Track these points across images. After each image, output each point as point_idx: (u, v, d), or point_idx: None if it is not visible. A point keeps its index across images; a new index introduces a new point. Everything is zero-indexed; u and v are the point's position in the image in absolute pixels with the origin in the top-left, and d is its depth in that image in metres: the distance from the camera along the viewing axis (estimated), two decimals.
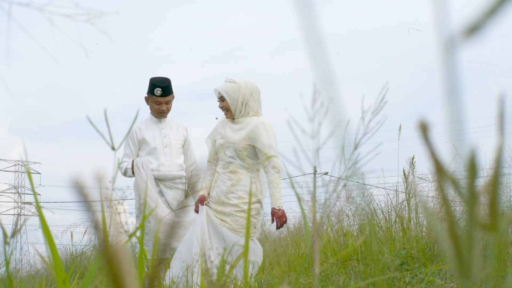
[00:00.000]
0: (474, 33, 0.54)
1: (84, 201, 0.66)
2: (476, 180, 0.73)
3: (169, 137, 7.98)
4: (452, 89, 0.61)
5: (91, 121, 2.01)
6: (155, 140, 7.91)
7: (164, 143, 7.92)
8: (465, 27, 0.55)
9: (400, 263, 6.93)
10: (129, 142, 7.98)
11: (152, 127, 8.01)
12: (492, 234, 0.75)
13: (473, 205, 0.73)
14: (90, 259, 11.26)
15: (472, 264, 0.75)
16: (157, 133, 7.97)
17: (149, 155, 7.84)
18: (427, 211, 0.83)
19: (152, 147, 7.85)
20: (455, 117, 0.64)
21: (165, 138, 7.96)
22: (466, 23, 0.55)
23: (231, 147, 7.15)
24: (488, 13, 0.54)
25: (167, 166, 7.82)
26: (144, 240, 7.60)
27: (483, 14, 0.54)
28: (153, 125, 8.03)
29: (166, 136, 7.98)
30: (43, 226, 1.84)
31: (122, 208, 2.25)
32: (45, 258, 2.19)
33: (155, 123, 8.04)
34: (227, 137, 7.19)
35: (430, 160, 0.73)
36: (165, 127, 8.05)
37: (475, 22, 0.54)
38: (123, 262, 0.63)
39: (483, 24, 0.54)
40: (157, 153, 7.84)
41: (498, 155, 0.75)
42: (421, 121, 0.69)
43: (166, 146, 7.90)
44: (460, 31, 0.55)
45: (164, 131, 8.01)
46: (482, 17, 0.54)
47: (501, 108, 0.71)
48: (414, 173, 8.75)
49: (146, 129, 7.99)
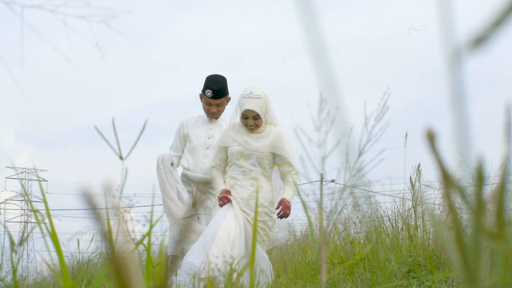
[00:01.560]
0: (480, 44, 0.54)
1: (92, 209, 0.66)
2: (483, 188, 0.73)
3: (215, 138, 7.61)
4: (458, 98, 0.61)
5: (98, 130, 2.01)
6: (198, 139, 7.65)
7: (207, 144, 7.62)
8: (471, 37, 0.55)
9: (407, 271, 6.91)
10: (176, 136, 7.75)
11: (200, 125, 7.73)
12: (499, 242, 0.75)
13: (480, 213, 0.73)
14: (97, 267, 11.25)
15: (478, 272, 0.75)
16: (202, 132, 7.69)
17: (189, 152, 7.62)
18: (433, 219, 0.83)
19: (193, 145, 7.61)
20: (461, 125, 0.64)
21: (210, 139, 7.65)
22: (472, 33, 0.55)
23: (253, 154, 7.01)
24: (495, 24, 0.54)
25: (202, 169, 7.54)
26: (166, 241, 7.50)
27: (490, 25, 0.54)
28: (202, 123, 7.75)
29: (211, 137, 7.66)
30: (52, 234, 1.85)
31: (129, 216, 2.25)
32: (51, 266, 2.19)
33: (205, 121, 7.75)
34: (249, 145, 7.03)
35: (437, 168, 0.73)
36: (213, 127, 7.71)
37: (481, 33, 0.54)
38: (130, 270, 0.63)
39: (489, 35, 0.54)
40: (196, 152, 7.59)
41: (504, 162, 0.75)
42: (428, 130, 0.70)
43: (208, 147, 7.60)
44: (466, 41, 0.55)
45: (211, 131, 7.69)
46: (488, 28, 0.54)
47: (508, 115, 0.71)
48: (420, 181, 8.74)
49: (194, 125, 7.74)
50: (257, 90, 7.06)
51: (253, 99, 6.99)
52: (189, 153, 7.60)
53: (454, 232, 0.75)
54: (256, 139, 7.06)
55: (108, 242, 0.65)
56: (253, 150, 7.01)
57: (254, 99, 6.98)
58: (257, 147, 7.01)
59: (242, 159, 7.04)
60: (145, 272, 1.83)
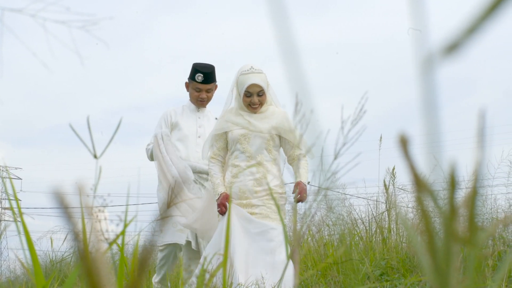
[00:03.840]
0: (454, 51, 0.55)
1: (63, 208, 0.66)
2: (455, 193, 0.74)
3: (205, 128, 7.38)
4: (430, 104, 0.62)
5: (73, 128, 2.00)
6: (189, 127, 7.35)
7: (198, 133, 7.36)
8: (445, 44, 0.55)
9: (380, 274, 6.94)
10: (161, 124, 7.37)
11: (188, 114, 7.45)
12: (470, 247, 0.75)
13: (452, 218, 0.74)
14: (70, 266, 11.20)
15: (449, 276, 0.75)
16: (192, 121, 7.41)
17: (180, 141, 7.28)
18: (405, 223, 0.83)
19: (184, 134, 7.31)
20: (432, 130, 0.65)
21: (200, 128, 7.39)
22: (446, 40, 0.55)
23: (257, 137, 6.50)
24: (468, 31, 0.54)
25: (195, 158, 7.24)
26: None
27: (463, 31, 0.55)
28: (190, 112, 7.47)
29: (201, 126, 7.40)
30: (25, 233, 1.84)
31: (103, 216, 2.24)
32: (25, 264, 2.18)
33: (193, 111, 7.48)
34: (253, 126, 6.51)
35: (409, 172, 0.73)
36: (202, 117, 7.48)
37: (455, 40, 0.55)
38: (101, 270, 0.63)
39: (463, 42, 0.54)
40: (188, 141, 7.28)
41: (477, 168, 0.75)
42: (401, 135, 0.70)
43: (200, 136, 7.33)
44: (439, 48, 0.55)
45: (200, 120, 7.44)
46: (462, 35, 0.55)
47: (481, 121, 0.72)
48: (394, 184, 8.79)
49: (181, 114, 7.43)
50: (256, 65, 6.61)
51: (255, 73, 6.54)
52: (179, 142, 7.30)
53: (426, 237, 0.76)
54: (259, 120, 6.58)
55: (79, 242, 0.65)
56: (258, 131, 6.51)
57: (256, 74, 6.54)
58: (262, 128, 6.51)
59: (245, 143, 6.52)
60: (118, 272, 1.82)
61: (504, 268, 1.16)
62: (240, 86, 6.53)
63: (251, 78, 6.47)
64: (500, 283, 4.71)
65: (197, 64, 7.40)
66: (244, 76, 6.51)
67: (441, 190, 0.74)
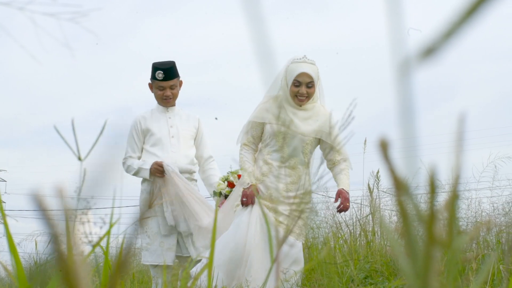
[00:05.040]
0: (431, 55, 0.55)
1: (42, 211, 0.66)
2: (435, 196, 0.74)
3: (177, 127, 7.14)
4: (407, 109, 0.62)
5: (57, 130, 1.99)
6: (160, 130, 7.09)
7: (171, 133, 7.09)
8: (422, 48, 0.55)
9: (364, 277, 6.96)
10: (132, 134, 7.13)
11: (158, 117, 7.19)
12: (449, 251, 0.76)
13: (432, 222, 0.74)
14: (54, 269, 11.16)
15: (429, 280, 0.75)
16: (163, 123, 7.15)
17: (154, 146, 7.04)
18: (385, 227, 0.84)
19: (157, 138, 7.04)
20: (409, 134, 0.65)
21: (172, 128, 7.12)
22: (423, 44, 0.56)
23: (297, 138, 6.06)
24: (445, 35, 0.54)
25: (173, 158, 6.94)
26: None
27: (440, 36, 0.55)
28: (159, 114, 7.21)
29: (173, 126, 7.14)
30: (7, 235, 1.83)
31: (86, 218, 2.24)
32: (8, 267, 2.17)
33: (162, 112, 7.23)
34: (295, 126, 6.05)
35: (390, 176, 0.73)
36: (172, 116, 7.22)
37: (432, 44, 0.55)
38: (79, 273, 0.63)
39: (439, 46, 0.55)
40: (162, 144, 7.02)
41: (456, 172, 0.76)
42: (381, 138, 0.70)
43: (173, 136, 7.08)
44: (416, 52, 0.56)
45: (171, 120, 7.18)
46: (439, 39, 0.55)
47: (460, 125, 0.72)
48: (378, 187, 8.81)
49: (151, 118, 7.17)
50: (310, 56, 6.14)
51: (308, 63, 6.07)
52: (154, 146, 7.05)
53: (406, 240, 0.76)
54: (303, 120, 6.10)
55: (57, 245, 0.65)
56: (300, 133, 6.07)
57: (308, 64, 6.07)
58: (304, 131, 6.06)
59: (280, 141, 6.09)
60: (103, 275, 1.82)
61: (485, 271, 1.16)
62: (290, 75, 6.10)
63: (302, 66, 6.05)
64: (483, 286, 4.73)
65: (156, 62, 7.20)
66: (295, 64, 6.10)
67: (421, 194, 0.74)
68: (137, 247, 8.37)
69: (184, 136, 7.12)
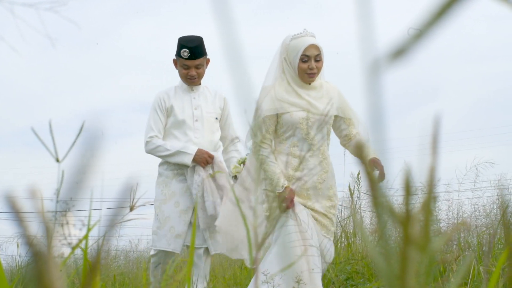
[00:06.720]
0: (400, 56, 0.55)
1: (15, 212, 0.65)
2: (411, 198, 0.74)
3: (201, 108, 6.54)
4: (376, 111, 0.62)
5: (35, 131, 1.98)
6: (184, 111, 6.51)
7: (195, 116, 6.51)
8: (392, 49, 0.56)
9: (345, 278, 6.97)
10: (157, 111, 6.55)
11: (181, 96, 6.60)
12: (425, 252, 0.76)
13: (407, 223, 0.74)
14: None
15: (406, 282, 0.76)
16: (187, 103, 6.56)
17: (176, 129, 6.50)
18: (361, 229, 0.84)
19: (180, 120, 6.47)
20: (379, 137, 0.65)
21: (196, 110, 6.53)
22: (393, 45, 0.56)
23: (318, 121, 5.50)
24: (416, 36, 0.54)
25: (196, 144, 6.38)
26: None
27: (410, 37, 0.55)
28: (183, 93, 6.62)
29: (197, 107, 6.55)
30: None
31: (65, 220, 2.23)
32: None
33: (186, 91, 6.63)
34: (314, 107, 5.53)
35: (365, 178, 0.74)
36: (197, 96, 6.62)
37: (402, 45, 0.55)
38: (53, 276, 0.63)
39: (410, 47, 0.55)
40: (185, 127, 6.48)
41: (431, 174, 0.76)
42: (358, 142, 0.70)
43: (197, 120, 6.49)
44: (386, 53, 0.56)
45: (196, 101, 6.58)
46: (409, 40, 0.55)
47: (435, 127, 0.72)
48: (359, 189, 8.83)
49: (175, 96, 6.58)
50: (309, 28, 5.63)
51: (310, 36, 5.56)
52: (176, 129, 6.52)
53: (382, 242, 0.76)
54: (318, 99, 5.58)
55: (31, 247, 0.64)
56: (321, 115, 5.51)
57: (311, 37, 5.57)
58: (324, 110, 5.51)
59: (305, 129, 5.48)
60: (82, 277, 1.81)
61: (462, 272, 1.16)
62: (294, 52, 5.55)
63: (308, 39, 5.52)
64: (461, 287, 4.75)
65: (183, 37, 6.54)
66: (297, 40, 5.55)
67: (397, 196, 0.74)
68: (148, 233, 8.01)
69: (208, 119, 6.57)
